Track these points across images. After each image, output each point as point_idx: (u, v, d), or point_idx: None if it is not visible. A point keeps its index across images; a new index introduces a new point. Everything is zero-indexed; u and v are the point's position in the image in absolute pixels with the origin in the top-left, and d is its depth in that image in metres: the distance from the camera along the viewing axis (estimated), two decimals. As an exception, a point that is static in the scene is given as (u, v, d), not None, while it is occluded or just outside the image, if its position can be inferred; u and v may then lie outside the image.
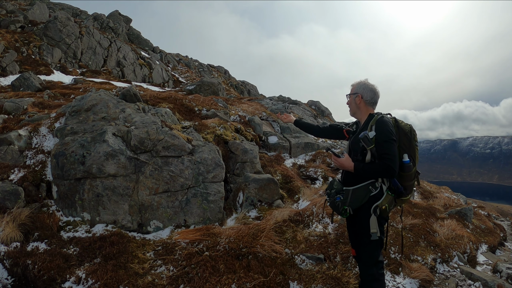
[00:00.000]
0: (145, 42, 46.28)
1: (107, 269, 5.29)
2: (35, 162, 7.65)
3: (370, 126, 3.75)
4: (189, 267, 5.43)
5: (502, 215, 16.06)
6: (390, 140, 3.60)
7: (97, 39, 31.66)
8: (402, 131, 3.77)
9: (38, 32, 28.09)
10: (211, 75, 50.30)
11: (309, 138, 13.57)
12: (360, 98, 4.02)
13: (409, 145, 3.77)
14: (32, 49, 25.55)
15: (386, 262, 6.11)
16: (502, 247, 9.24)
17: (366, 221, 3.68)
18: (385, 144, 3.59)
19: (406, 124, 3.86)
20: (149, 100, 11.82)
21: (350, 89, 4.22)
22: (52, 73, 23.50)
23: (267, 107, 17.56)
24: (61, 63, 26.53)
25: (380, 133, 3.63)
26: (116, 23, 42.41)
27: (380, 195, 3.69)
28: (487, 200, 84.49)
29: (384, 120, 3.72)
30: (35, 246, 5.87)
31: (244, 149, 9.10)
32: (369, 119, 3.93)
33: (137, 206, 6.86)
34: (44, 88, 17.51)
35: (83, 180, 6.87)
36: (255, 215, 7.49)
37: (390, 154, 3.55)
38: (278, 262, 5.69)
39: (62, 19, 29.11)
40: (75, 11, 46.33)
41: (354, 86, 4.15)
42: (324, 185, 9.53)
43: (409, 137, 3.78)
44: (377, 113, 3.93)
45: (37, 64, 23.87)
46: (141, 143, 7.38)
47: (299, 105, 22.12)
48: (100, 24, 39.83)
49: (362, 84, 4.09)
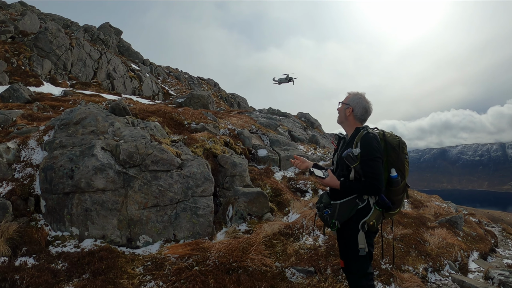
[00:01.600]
0: (135, 55, 46.30)
1: (96, 284, 5.26)
2: (23, 175, 7.60)
3: (356, 143, 3.72)
4: (178, 282, 5.40)
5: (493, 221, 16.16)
6: (375, 158, 3.58)
7: (88, 51, 31.62)
8: (389, 145, 3.75)
9: (29, 43, 28.01)
10: (201, 88, 50.39)
11: (298, 151, 13.62)
12: (351, 111, 3.97)
13: (397, 159, 3.75)
14: (22, 60, 25.44)
15: (377, 273, 6.11)
16: (493, 254, 9.29)
17: (354, 236, 3.66)
18: (370, 162, 3.57)
19: (394, 137, 3.84)
20: (139, 114, 11.81)
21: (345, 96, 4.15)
22: (42, 84, 23.39)
23: (256, 120, 17.60)
24: (51, 75, 26.44)
25: (364, 150, 3.61)
26: (107, 35, 42.41)
27: (367, 209, 3.67)
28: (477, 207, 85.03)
29: (369, 137, 3.68)
30: (23, 261, 5.82)
31: (233, 163, 9.11)
32: (356, 133, 3.88)
33: (126, 220, 6.82)
34: (34, 99, 17.43)
35: (71, 194, 6.82)
36: (245, 228, 7.48)
37: (374, 173, 3.54)
38: (268, 276, 5.67)
39: (53, 30, 29.06)
40: (66, 22, 46.29)
41: (349, 96, 4.08)
42: (314, 198, 9.55)
43: (397, 151, 3.76)
44: (364, 128, 3.88)
45: (27, 75, 23.77)
46: (130, 157, 7.36)
47: (289, 117, 22.22)
48: (91, 36, 39.84)
49: (357, 98, 4.01)
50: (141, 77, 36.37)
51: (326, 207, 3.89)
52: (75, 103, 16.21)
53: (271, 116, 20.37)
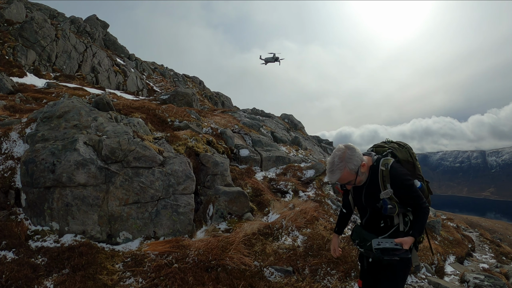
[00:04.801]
0: (121, 49, 45.90)
1: (75, 280, 5.28)
2: (4, 168, 7.54)
3: (383, 185, 3.50)
4: (158, 279, 5.45)
5: (471, 227, 16.46)
6: (412, 186, 3.46)
7: (73, 43, 31.26)
8: (405, 162, 3.66)
9: (14, 32, 27.57)
10: (186, 85, 50.14)
11: (280, 152, 13.70)
12: (363, 164, 3.55)
13: (414, 169, 3.70)
14: (6, 49, 25.06)
15: (354, 274, 6.22)
16: (470, 258, 9.50)
17: (407, 258, 3.39)
18: (412, 193, 3.45)
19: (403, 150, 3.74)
20: (122, 109, 11.78)
21: (342, 179, 3.54)
22: (25, 75, 23.07)
23: (239, 120, 17.66)
24: (35, 66, 26.09)
25: (400, 187, 3.44)
26: (93, 27, 41.97)
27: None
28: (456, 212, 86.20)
29: (395, 171, 3.48)
30: (2, 255, 5.80)
31: (215, 162, 9.16)
32: (373, 172, 3.61)
33: (106, 216, 6.84)
34: (17, 91, 17.22)
35: (52, 188, 6.81)
36: (225, 227, 7.54)
37: (420, 199, 3.45)
38: (247, 275, 5.76)
39: (39, 20, 28.66)
40: (52, 12, 45.63)
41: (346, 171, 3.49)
42: (295, 199, 9.63)
43: (411, 162, 3.70)
44: (377, 161, 3.61)
45: (11, 65, 23.41)
46: (112, 153, 7.37)
47: (273, 118, 22.30)
48: (77, 28, 39.38)
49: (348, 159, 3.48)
50: (126, 72, 36.08)
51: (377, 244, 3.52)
52: (58, 96, 16.06)
53: (255, 117, 20.42)
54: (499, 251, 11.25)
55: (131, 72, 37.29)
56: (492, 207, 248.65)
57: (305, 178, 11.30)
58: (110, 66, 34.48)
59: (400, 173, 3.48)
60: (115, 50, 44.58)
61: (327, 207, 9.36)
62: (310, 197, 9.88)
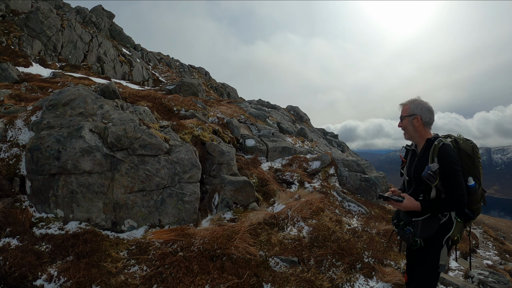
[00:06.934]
0: (127, 39, 45.80)
1: (79, 267, 5.25)
2: (9, 155, 7.52)
3: (432, 158, 3.53)
4: (162, 267, 5.42)
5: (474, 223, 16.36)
6: (457, 173, 3.43)
7: (79, 33, 31.21)
8: (464, 152, 3.57)
9: (19, 23, 27.55)
10: (191, 76, 50.02)
11: (286, 143, 13.64)
12: (419, 120, 3.71)
13: (473, 166, 3.58)
14: (12, 39, 25.05)
15: (360, 266, 6.18)
16: (474, 254, 9.43)
17: (436, 253, 3.57)
18: (452, 179, 3.44)
19: (467, 143, 3.67)
20: (128, 98, 11.74)
21: (401, 110, 3.88)
22: (31, 65, 23.07)
23: (245, 110, 17.59)
24: (41, 56, 26.08)
25: (444, 166, 3.44)
26: (99, 18, 41.89)
27: (449, 223, 3.56)
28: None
29: (447, 149, 3.49)
30: (6, 242, 5.79)
31: (221, 151, 9.10)
32: (428, 145, 3.67)
33: (111, 204, 6.81)
34: (22, 80, 17.22)
35: (57, 176, 6.78)
36: (230, 217, 7.50)
37: (458, 189, 3.42)
38: (252, 264, 5.72)
39: (44, 10, 28.61)
40: (58, 2, 45.52)
41: (408, 106, 3.80)
42: (300, 189, 9.59)
43: (472, 157, 3.58)
44: (435, 137, 3.68)
45: (16, 55, 23.40)
46: (118, 140, 7.32)
47: (278, 109, 22.23)
48: (83, 18, 39.32)
49: (418, 104, 3.75)
50: (131, 62, 36.02)
51: (407, 225, 3.73)
52: (64, 85, 16.03)
53: (261, 107, 20.34)
54: (503, 248, 11.18)
55: (136, 62, 37.22)
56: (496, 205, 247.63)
57: (310, 170, 11.25)
58: (115, 56, 34.44)
59: (449, 153, 3.48)
60: (120, 40, 44.50)
61: (332, 199, 9.32)
62: (315, 188, 9.83)
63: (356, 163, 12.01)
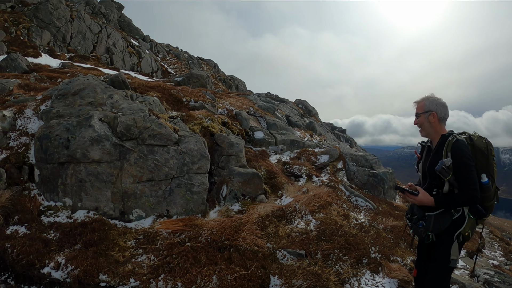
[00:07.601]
0: (136, 31, 45.84)
1: (87, 255, 5.27)
2: (18, 144, 7.56)
3: (446, 153, 3.57)
4: (170, 257, 5.42)
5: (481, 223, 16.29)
6: (469, 168, 3.46)
7: (88, 24, 31.28)
8: (478, 149, 3.58)
9: (29, 13, 27.66)
10: (200, 68, 49.97)
11: (295, 136, 13.59)
12: (435, 116, 3.74)
13: (487, 163, 3.59)
14: (21, 30, 25.16)
15: (366, 261, 6.15)
16: (480, 254, 9.38)
17: (447, 247, 3.60)
18: (465, 173, 3.46)
19: (482, 140, 3.66)
20: (137, 88, 11.74)
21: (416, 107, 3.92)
22: (40, 55, 23.19)
23: (255, 103, 17.53)
24: (50, 46, 26.17)
25: (457, 160, 3.47)
26: (108, 9, 41.94)
27: (462, 219, 3.57)
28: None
29: (460, 144, 3.52)
30: (14, 229, 5.83)
31: (230, 142, 9.07)
32: (442, 140, 3.70)
33: (120, 193, 6.81)
34: (31, 70, 17.32)
35: (66, 164, 6.80)
36: (238, 208, 7.48)
37: (470, 183, 3.44)
38: (259, 256, 5.70)
39: (54, 1, 28.68)
40: (67, -6, 45.71)
41: (423, 103, 3.84)
42: (308, 183, 9.54)
43: (486, 154, 3.59)
44: (450, 133, 3.71)
45: (25, 45, 23.53)
46: (127, 130, 7.32)
47: (287, 103, 22.15)
48: (92, 9, 39.38)
49: (433, 100, 3.79)
50: (140, 54, 36.08)
51: (420, 219, 3.75)
52: (72, 76, 16.08)
53: (270, 100, 20.26)
54: (509, 249, 11.11)
55: (145, 53, 37.28)
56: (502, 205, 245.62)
57: (319, 163, 11.20)
58: (124, 47, 34.51)
59: (462, 149, 3.50)
60: (130, 31, 44.55)
61: (340, 193, 9.27)
62: (323, 182, 9.78)
63: (364, 158, 11.96)
